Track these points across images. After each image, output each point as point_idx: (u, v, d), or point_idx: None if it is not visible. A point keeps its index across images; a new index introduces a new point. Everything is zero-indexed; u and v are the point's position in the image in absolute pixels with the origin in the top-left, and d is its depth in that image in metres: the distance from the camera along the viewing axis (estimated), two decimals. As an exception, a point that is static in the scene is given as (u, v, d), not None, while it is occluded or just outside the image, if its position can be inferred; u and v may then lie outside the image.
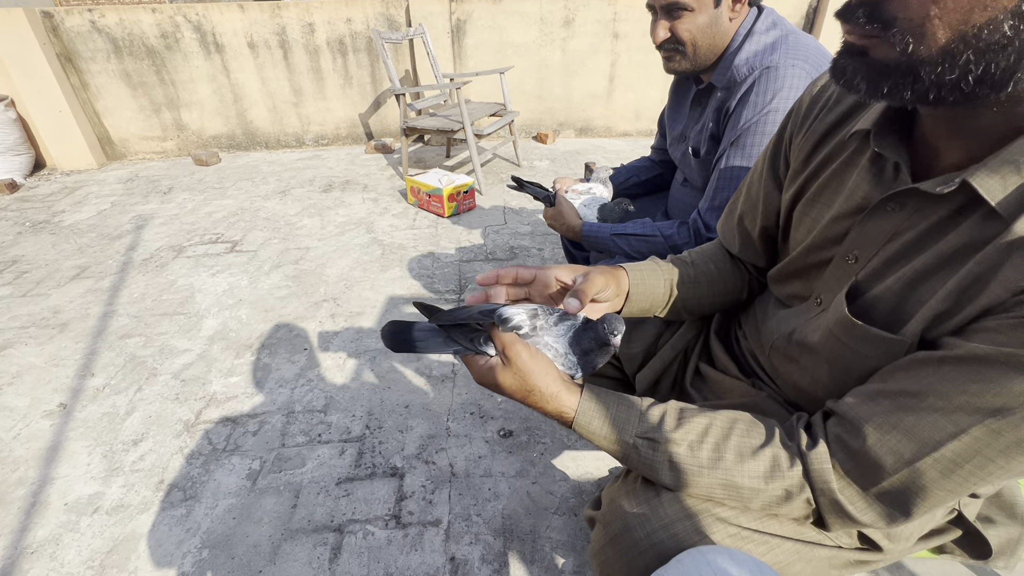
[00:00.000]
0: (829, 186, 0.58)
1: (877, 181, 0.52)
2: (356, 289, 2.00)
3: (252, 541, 1.09)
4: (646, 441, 0.54)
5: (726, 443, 0.52)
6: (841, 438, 0.48)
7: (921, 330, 0.45)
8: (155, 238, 2.49)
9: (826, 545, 0.56)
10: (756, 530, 0.53)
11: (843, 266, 0.55)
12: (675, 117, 1.23)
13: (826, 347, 0.54)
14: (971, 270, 0.42)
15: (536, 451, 1.28)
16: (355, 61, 3.60)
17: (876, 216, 0.51)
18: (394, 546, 1.07)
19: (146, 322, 1.84)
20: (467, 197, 2.64)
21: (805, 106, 0.64)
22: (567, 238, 1.31)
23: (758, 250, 0.74)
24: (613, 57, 3.70)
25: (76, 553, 1.08)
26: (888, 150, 0.50)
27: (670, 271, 0.73)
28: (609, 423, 0.55)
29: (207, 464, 1.27)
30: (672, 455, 0.53)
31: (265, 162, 3.57)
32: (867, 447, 0.45)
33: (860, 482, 0.47)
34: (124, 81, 3.43)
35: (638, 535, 0.53)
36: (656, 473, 0.54)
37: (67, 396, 1.51)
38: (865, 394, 0.48)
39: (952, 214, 0.45)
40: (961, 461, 0.41)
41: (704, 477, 0.52)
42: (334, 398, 1.47)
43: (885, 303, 0.49)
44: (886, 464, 0.44)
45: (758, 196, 0.71)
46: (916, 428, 0.43)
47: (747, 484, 0.50)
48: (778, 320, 0.67)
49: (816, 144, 0.60)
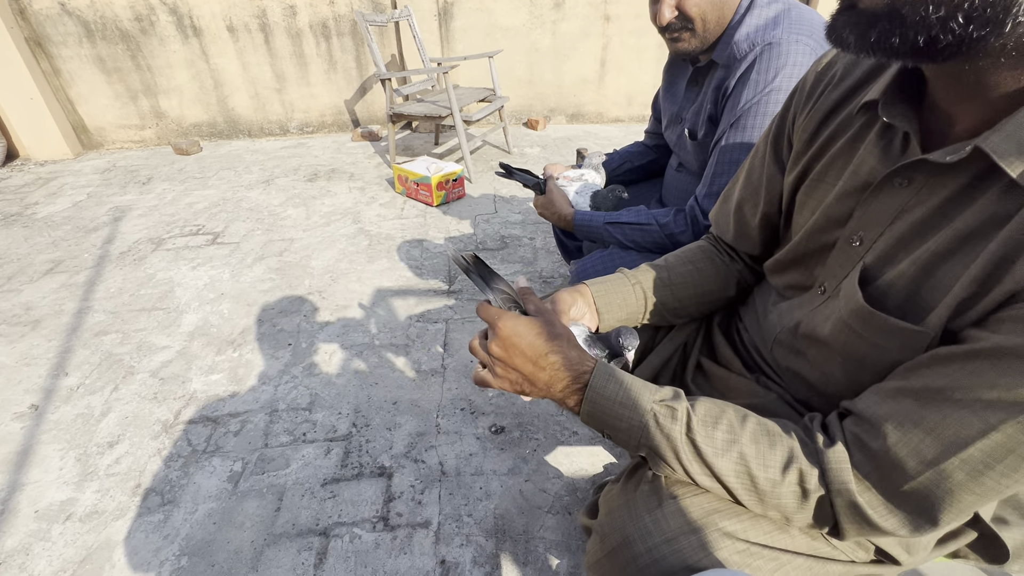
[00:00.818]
0: (835, 164, 0.54)
1: (885, 155, 0.48)
2: (342, 281, 1.94)
3: (234, 547, 1.05)
4: (666, 408, 0.49)
5: (742, 428, 0.48)
6: (859, 438, 0.44)
7: (946, 319, 0.41)
8: (133, 230, 2.40)
9: (839, 560, 0.53)
10: (766, 545, 0.50)
11: (847, 249, 0.52)
12: (670, 98, 1.17)
13: (839, 339, 0.50)
14: (994, 251, 0.38)
15: (529, 447, 1.24)
16: (339, 45, 3.48)
17: (883, 193, 0.47)
18: (382, 549, 1.03)
19: (123, 318, 1.77)
20: (456, 185, 2.58)
21: (809, 84, 0.60)
22: (558, 227, 1.26)
23: (755, 239, 0.70)
24: (604, 40, 3.62)
25: (47, 563, 1.03)
26: (897, 119, 0.46)
27: (642, 276, 0.72)
28: (626, 388, 0.51)
29: (186, 466, 1.22)
30: (691, 430, 0.48)
31: (248, 151, 3.47)
32: (887, 447, 0.41)
33: (881, 486, 0.43)
34: (98, 67, 3.30)
35: (638, 549, 0.49)
36: (675, 447, 0.49)
37: (39, 397, 1.44)
38: (885, 392, 0.44)
39: (966, 188, 0.41)
40: (991, 462, 0.37)
41: (719, 459, 0.47)
42: (319, 395, 1.42)
43: (899, 290, 0.45)
44: (908, 466, 0.40)
45: (760, 181, 0.67)
46: (941, 426, 0.39)
47: (762, 474, 0.46)
48: (780, 313, 0.63)
49: (821, 122, 0.57)
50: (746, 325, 0.70)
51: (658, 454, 0.50)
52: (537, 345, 0.52)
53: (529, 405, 1.36)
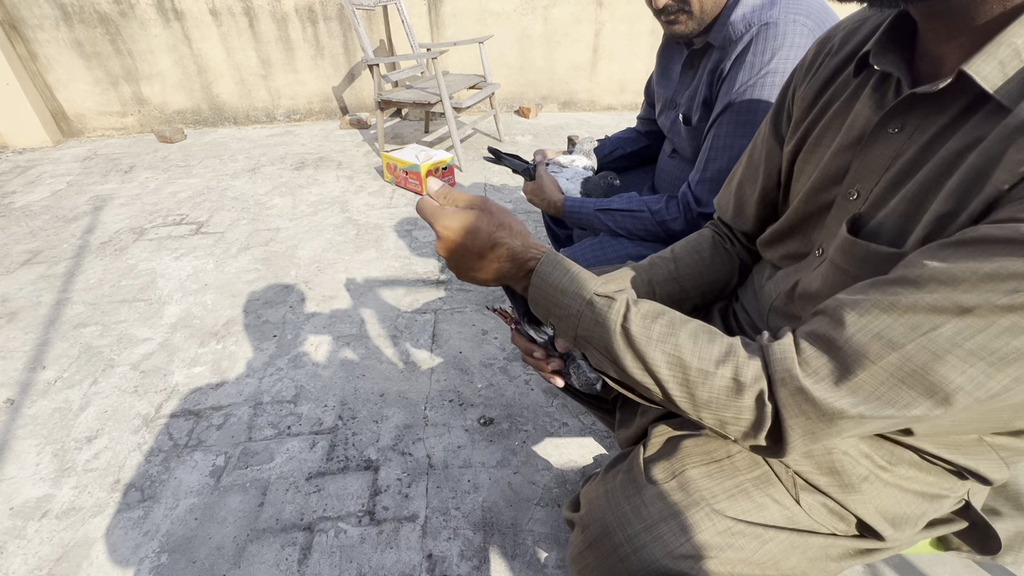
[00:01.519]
0: (832, 126, 0.54)
1: (878, 105, 0.48)
2: (329, 272, 1.91)
3: (215, 543, 1.02)
4: (605, 299, 0.48)
5: (683, 326, 0.46)
6: (816, 332, 0.41)
7: (923, 237, 0.40)
8: (114, 220, 2.34)
9: (820, 533, 0.52)
10: (748, 522, 0.49)
11: (844, 206, 0.51)
12: (664, 82, 1.14)
13: (827, 283, 0.49)
14: (972, 162, 0.37)
15: (518, 439, 1.22)
16: (326, 30, 3.40)
17: (877, 141, 0.47)
18: (368, 544, 1.01)
19: (103, 310, 1.73)
20: (446, 174, 2.53)
21: (810, 57, 0.60)
22: (548, 214, 1.23)
23: (751, 216, 0.69)
24: (597, 27, 3.56)
25: (22, 562, 1.00)
26: (887, 65, 0.46)
27: (652, 270, 0.70)
28: (571, 277, 0.50)
29: (167, 461, 1.19)
30: (627, 319, 0.46)
31: (234, 139, 3.39)
32: (848, 334, 0.38)
33: (835, 374, 0.38)
34: (76, 51, 3.20)
35: (619, 539, 0.48)
36: (608, 334, 0.47)
37: (15, 391, 1.40)
38: (854, 288, 0.41)
39: (955, 119, 0.41)
40: (960, 340, 0.34)
41: (652, 349, 0.45)
42: (305, 387, 1.39)
43: (890, 225, 0.44)
44: (870, 351, 0.37)
45: (760, 158, 0.66)
46: (912, 310, 0.36)
47: (695, 364, 0.44)
48: (776, 281, 0.62)
49: (819, 89, 0.57)
50: (743, 304, 0.69)
51: (591, 343, 0.49)
52: (480, 239, 0.51)
53: (519, 397, 1.34)
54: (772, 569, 0.48)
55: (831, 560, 0.52)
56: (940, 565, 0.97)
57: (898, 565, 0.97)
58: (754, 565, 0.47)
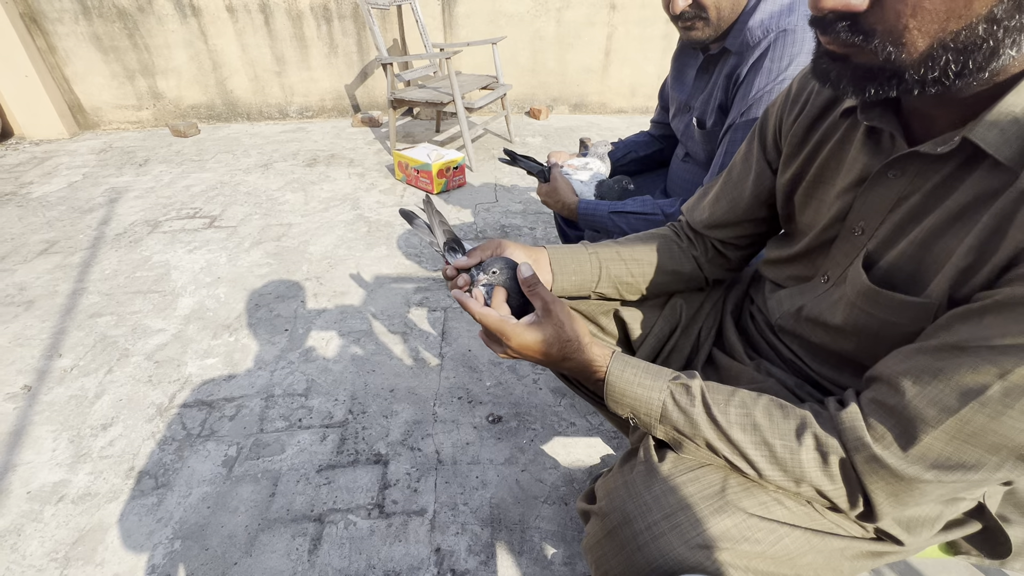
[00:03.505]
0: (829, 165, 0.58)
1: (874, 152, 0.52)
2: (340, 267, 1.92)
3: (227, 531, 1.04)
4: (682, 387, 0.53)
5: (754, 403, 0.51)
6: (876, 399, 0.45)
7: (947, 288, 0.44)
8: (129, 212, 2.37)
9: (839, 535, 0.53)
10: (764, 517, 0.49)
11: (850, 239, 0.55)
12: (679, 86, 1.15)
13: (850, 321, 0.53)
14: (987, 223, 0.42)
15: (526, 437, 1.24)
16: (340, 28, 3.43)
17: (878, 185, 0.51)
18: (377, 537, 1.03)
19: (118, 300, 1.75)
20: (457, 173, 2.55)
21: (795, 90, 0.64)
22: (561, 216, 1.24)
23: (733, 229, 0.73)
24: (609, 30, 3.57)
25: (39, 544, 1.02)
26: (876, 121, 0.50)
27: (599, 248, 0.75)
28: (643, 371, 0.55)
29: (180, 450, 1.21)
30: (707, 404, 0.51)
31: (247, 134, 3.42)
32: (906, 401, 0.42)
33: (901, 440, 0.43)
34: (94, 45, 3.24)
35: (639, 527, 0.49)
36: (693, 421, 0.51)
37: (32, 378, 1.43)
38: (903, 353, 0.45)
39: (955, 171, 0.45)
40: (1010, 401, 0.38)
41: (736, 432, 0.49)
42: (316, 381, 1.41)
43: (902, 268, 0.48)
44: (928, 416, 0.41)
45: (742, 176, 0.71)
46: (957, 375, 0.40)
47: (778, 442, 0.48)
48: (779, 300, 0.66)
49: (809, 127, 0.61)
50: (759, 306, 0.71)
51: (679, 430, 0.52)
52: (551, 354, 0.57)
53: (527, 395, 1.35)
54: (787, 566, 0.49)
55: (846, 560, 0.53)
56: (945, 573, 0.97)
57: (904, 572, 0.97)
58: (769, 560, 0.48)
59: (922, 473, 0.42)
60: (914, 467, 0.42)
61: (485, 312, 0.58)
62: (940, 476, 0.42)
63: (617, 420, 0.92)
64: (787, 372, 0.64)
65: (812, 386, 0.62)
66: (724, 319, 0.78)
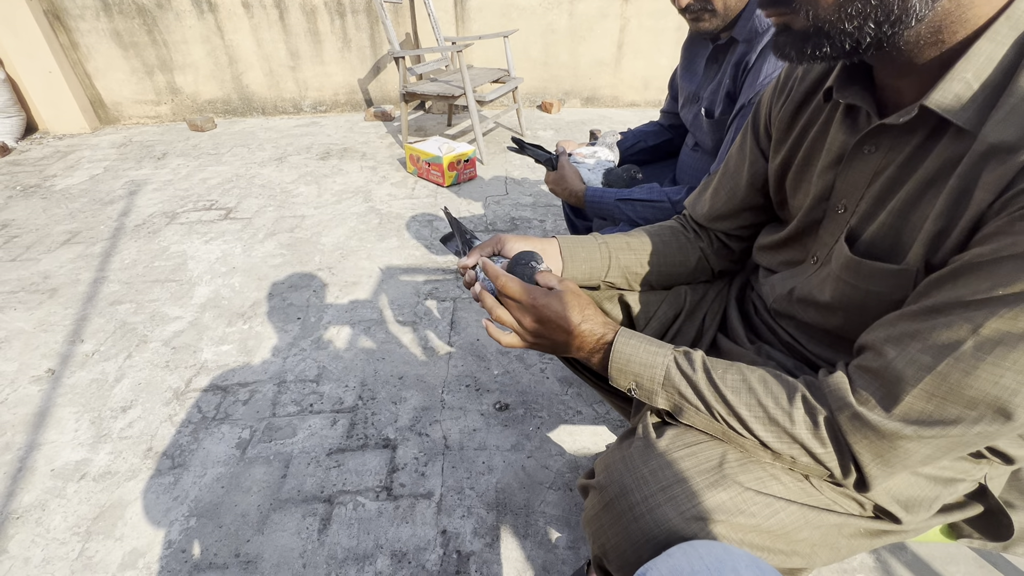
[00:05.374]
0: (815, 148, 0.59)
1: (851, 129, 0.54)
2: (352, 258, 1.95)
3: (240, 510, 1.07)
4: (684, 354, 0.55)
5: (750, 371, 0.52)
6: (862, 365, 0.47)
7: (923, 254, 0.46)
8: (148, 204, 2.43)
9: (835, 511, 0.53)
10: (759, 491, 0.50)
11: (834, 218, 0.57)
12: (688, 76, 1.15)
13: (837, 296, 0.54)
14: (953, 186, 0.43)
15: (532, 425, 1.25)
16: (354, 23, 3.46)
17: (855, 160, 0.53)
18: (385, 518, 1.05)
19: (137, 288, 1.80)
20: (468, 166, 2.56)
21: (783, 77, 0.66)
22: (569, 204, 1.25)
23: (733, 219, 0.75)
24: (622, 22, 3.54)
25: (62, 519, 1.06)
26: (852, 98, 0.52)
27: (608, 238, 0.77)
28: (648, 341, 0.58)
29: (196, 432, 1.25)
30: (708, 372, 0.53)
31: (262, 128, 3.47)
32: (886, 362, 0.44)
33: (885, 402, 0.44)
34: (115, 41, 3.31)
35: (635, 499, 0.50)
36: (695, 384, 0.53)
37: (56, 362, 1.48)
38: (886, 320, 0.47)
39: (924, 141, 0.47)
40: (982, 355, 0.39)
41: (734, 395, 0.51)
42: (327, 368, 1.43)
43: (883, 240, 0.50)
44: (907, 375, 0.43)
45: (738, 168, 0.72)
46: (934, 333, 0.42)
47: (771, 403, 0.49)
48: (772, 284, 0.67)
49: (794, 113, 0.63)
50: (758, 292, 0.72)
51: (681, 393, 0.54)
52: (571, 318, 0.59)
53: (534, 384, 1.36)
54: (783, 541, 0.49)
55: (843, 538, 0.53)
56: (954, 564, 0.97)
57: (911, 563, 0.97)
58: (764, 533, 0.48)
59: (902, 428, 0.43)
60: (894, 423, 0.43)
61: (509, 277, 0.62)
62: (920, 431, 0.43)
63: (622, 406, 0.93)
64: (786, 355, 0.65)
65: (810, 368, 0.62)
66: (728, 305, 0.79)
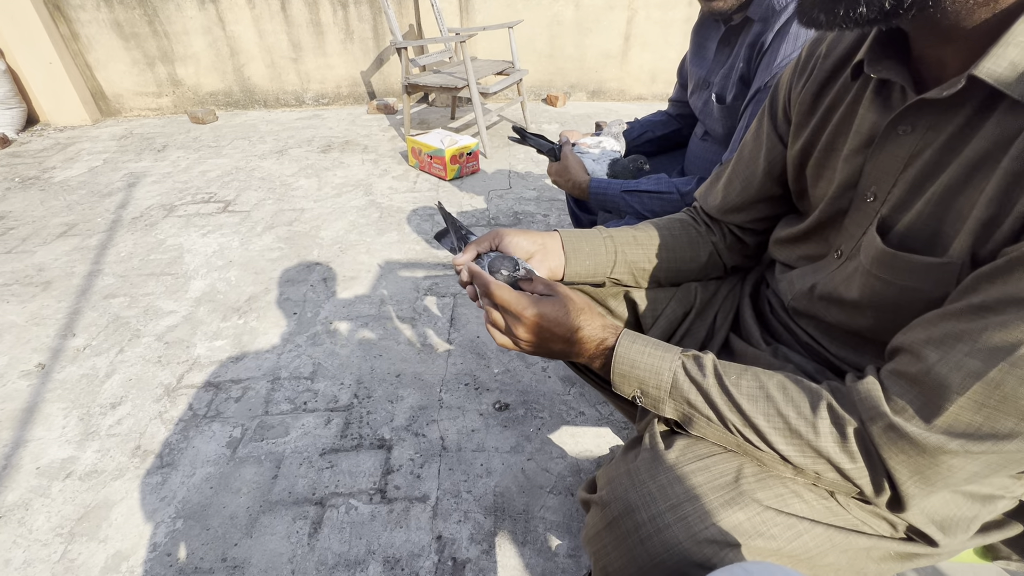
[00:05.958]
0: (841, 131, 0.54)
1: (884, 108, 0.49)
2: (351, 253, 1.91)
3: (229, 512, 1.03)
4: (693, 358, 0.50)
5: (768, 377, 0.47)
6: (897, 370, 0.41)
7: (970, 246, 0.40)
8: (146, 196, 2.40)
9: (864, 533, 0.48)
10: (780, 511, 0.45)
11: (862, 207, 0.51)
12: (698, 61, 1.09)
13: (866, 293, 0.48)
14: (1007, 168, 0.37)
15: (533, 426, 1.20)
16: (356, 14, 3.40)
17: (888, 143, 0.47)
18: (378, 522, 1.01)
19: (132, 282, 1.77)
20: (471, 159, 2.51)
21: (804, 56, 0.60)
22: (573, 196, 1.19)
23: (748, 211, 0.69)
24: (630, 13, 3.47)
25: (45, 519, 1.03)
26: (886, 72, 0.46)
27: (615, 231, 0.72)
28: (653, 344, 0.52)
29: (186, 430, 1.21)
30: (719, 376, 0.48)
31: (263, 121, 3.43)
32: (928, 367, 0.38)
33: (924, 411, 0.38)
34: (115, 32, 3.27)
35: (641, 518, 0.45)
36: (706, 392, 0.48)
37: (46, 356, 1.44)
38: (925, 320, 0.41)
39: (970, 120, 0.41)
40: None
41: (749, 403, 0.46)
42: (322, 365, 1.39)
43: (920, 230, 0.44)
44: (952, 382, 0.37)
45: (753, 155, 0.67)
46: (985, 335, 0.36)
47: (793, 414, 0.44)
48: (790, 280, 0.62)
49: (817, 93, 0.57)
50: (774, 290, 0.67)
51: (690, 403, 0.49)
52: (567, 324, 0.54)
53: (536, 383, 1.32)
54: (805, 566, 0.44)
55: (872, 562, 0.48)
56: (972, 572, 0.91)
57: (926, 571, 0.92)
58: (786, 558, 0.43)
59: (947, 442, 0.38)
60: (938, 436, 0.38)
61: (499, 284, 0.56)
62: (968, 446, 0.37)
63: (627, 408, 0.88)
64: (806, 357, 0.60)
65: (833, 372, 0.57)
66: (742, 303, 0.73)
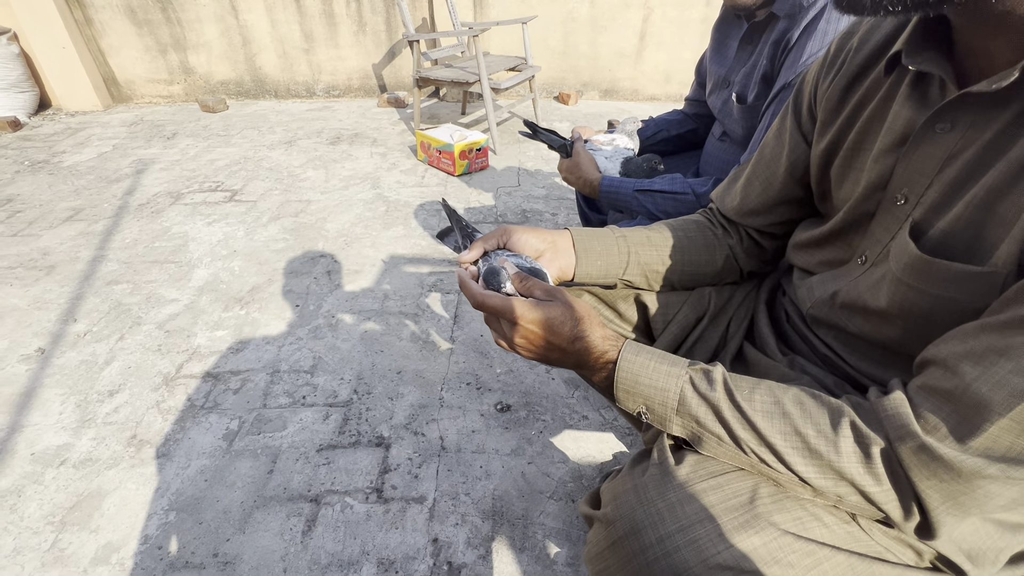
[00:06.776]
0: (871, 130, 0.51)
1: (920, 104, 0.45)
2: (356, 246, 1.89)
3: (222, 506, 1.01)
4: (702, 373, 0.47)
5: (783, 392, 0.44)
6: (928, 385, 0.38)
7: (1016, 254, 0.37)
8: (154, 183, 2.39)
9: (888, 561, 0.45)
10: (799, 536, 0.42)
11: (892, 211, 0.48)
12: (718, 59, 1.06)
13: (896, 302, 0.44)
14: None
15: (535, 429, 1.17)
16: (369, 6, 3.38)
17: (924, 142, 0.44)
18: (373, 522, 0.98)
19: (135, 269, 1.75)
20: (480, 155, 2.48)
21: (832, 51, 0.57)
22: (583, 194, 1.16)
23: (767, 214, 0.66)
24: (646, 12, 3.42)
25: (38, 507, 1.01)
26: (926, 64, 0.42)
27: (628, 231, 0.69)
28: (659, 358, 0.49)
29: (183, 421, 1.19)
30: (729, 390, 0.44)
31: (273, 111, 3.42)
32: (966, 384, 0.35)
33: (959, 431, 0.35)
34: (129, 18, 3.27)
35: (648, 539, 0.42)
36: (716, 408, 0.45)
37: (47, 341, 1.43)
38: (963, 332, 0.38)
39: (1018, 117, 0.38)
40: None
41: (763, 420, 0.43)
42: (323, 359, 1.37)
43: (958, 236, 0.41)
44: (993, 401, 0.34)
45: (775, 155, 0.63)
46: None
47: (812, 431, 0.41)
48: (810, 286, 0.58)
49: (846, 88, 0.54)
50: (791, 297, 0.64)
51: (699, 421, 0.46)
52: (563, 333, 0.51)
53: (539, 385, 1.29)
54: None
55: None
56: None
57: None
58: None
59: (985, 466, 0.34)
60: (975, 460, 0.35)
61: (487, 294, 0.53)
62: (1009, 471, 0.34)
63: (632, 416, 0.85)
64: (824, 370, 0.56)
65: (852, 386, 0.54)
66: (757, 310, 0.70)
